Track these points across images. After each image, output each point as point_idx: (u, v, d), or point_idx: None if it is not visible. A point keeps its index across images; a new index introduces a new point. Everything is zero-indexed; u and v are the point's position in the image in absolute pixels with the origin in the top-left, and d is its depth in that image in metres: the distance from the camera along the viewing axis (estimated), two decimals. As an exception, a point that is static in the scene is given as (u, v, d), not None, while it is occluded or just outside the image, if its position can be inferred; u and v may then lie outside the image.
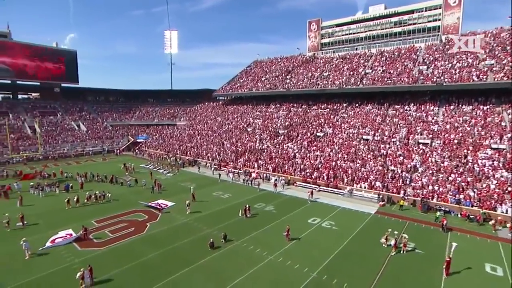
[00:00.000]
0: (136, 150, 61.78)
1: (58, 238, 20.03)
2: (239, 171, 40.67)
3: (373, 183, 31.08)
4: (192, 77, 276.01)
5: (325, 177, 34.54)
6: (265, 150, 45.43)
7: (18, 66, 67.44)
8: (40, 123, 57.29)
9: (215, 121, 65.09)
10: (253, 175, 38.42)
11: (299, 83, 58.58)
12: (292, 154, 41.96)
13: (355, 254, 18.26)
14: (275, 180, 34.87)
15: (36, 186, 32.66)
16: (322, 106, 54.25)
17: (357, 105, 50.52)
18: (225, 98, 77.71)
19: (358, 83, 50.37)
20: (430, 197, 26.95)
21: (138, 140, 66.87)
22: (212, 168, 42.66)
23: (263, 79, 67.96)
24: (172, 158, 50.48)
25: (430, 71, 43.99)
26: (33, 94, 79.92)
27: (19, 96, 75.65)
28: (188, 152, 52.77)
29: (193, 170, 44.47)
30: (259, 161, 42.43)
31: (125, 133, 70.70)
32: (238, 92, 69.99)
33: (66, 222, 23.17)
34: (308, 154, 40.91)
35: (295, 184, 35.30)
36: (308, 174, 36.03)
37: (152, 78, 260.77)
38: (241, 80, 72.98)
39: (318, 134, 46.08)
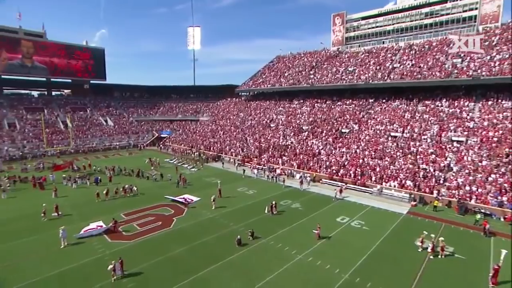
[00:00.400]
0: (161, 145, 63.03)
1: (89, 228, 20.61)
2: (263, 167, 40.36)
3: (403, 181, 29.71)
4: (214, 73, 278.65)
5: (352, 175, 33.48)
6: (289, 146, 44.78)
7: (53, 64, 70.63)
8: (71, 118, 59.80)
9: (237, 117, 65.08)
10: (278, 171, 37.99)
11: (323, 79, 57.22)
12: (317, 151, 41.07)
13: (389, 256, 17.40)
14: (301, 177, 34.22)
15: (68, 178, 34.11)
16: (347, 102, 52.69)
17: (384, 101, 48.61)
18: (248, 93, 77.51)
19: (386, 78, 48.38)
20: (467, 199, 25.34)
21: (162, 135, 68.18)
22: (236, 164, 42.62)
23: (286, 74, 67.07)
24: (195, 153, 50.98)
25: (465, 64, 41.37)
26: (65, 91, 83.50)
27: (53, 93, 79.25)
28: (212, 148, 53.09)
29: (216, 165, 44.66)
30: (283, 157, 41.89)
31: (149, 128, 72.36)
32: (260, 88, 69.52)
33: (97, 214, 23.82)
34: (333, 151, 39.87)
35: (320, 181, 34.50)
36: (334, 171, 35.08)
37: (175, 75, 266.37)
38: (264, 76, 72.47)
39: (343, 130, 44.81)
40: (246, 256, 17.33)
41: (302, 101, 60.17)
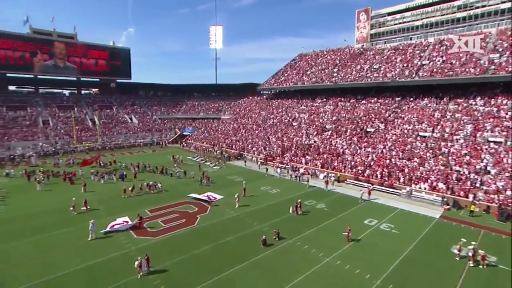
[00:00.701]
0: (183, 143, 63.93)
1: (116, 224, 21.00)
2: (286, 166, 39.81)
3: (434, 184, 28.16)
4: (235, 72, 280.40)
5: (379, 176, 32.21)
6: (312, 146, 43.91)
7: (82, 64, 73.74)
8: (99, 116, 61.90)
9: (259, 115, 64.80)
10: (301, 170, 37.30)
11: (347, 77, 55.78)
12: (341, 150, 39.96)
13: (423, 262, 16.38)
14: (326, 177, 33.38)
15: (96, 173, 35.23)
16: (372, 101, 50.97)
17: (411, 99, 46.58)
18: (269, 92, 77.13)
19: (413, 75, 46.35)
20: (510, 204, 23.53)
21: (185, 133, 69.16)
22: (259, 163, 42.32)
23: (308, 72, 66.02)
24: (218, 151, 51.21)
25: (504, 60, 38.72)
26: (93, 90, 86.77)
27: (82, 92, 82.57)
28: (234, 146, 53.12)
29: (239, 163, 44.58)
30: (306, 157, 41.11)
31: (172, 126, 73.65)
32: (282, 86, 68.90)
33: (123, 209, 24.31)
34: (358, 151, 38.62)
35: (345, 181, 33.48)
36: (360, 171, 33.92)
37: (197, 74, 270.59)
38: (286, 74, 71.74)
39: (368, 129, 43.34)
40: (272, 257, 16.91)
41: (325, 99, 58.94)
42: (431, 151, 33.53)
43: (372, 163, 34.70)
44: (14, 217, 23.11)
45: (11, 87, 72.64)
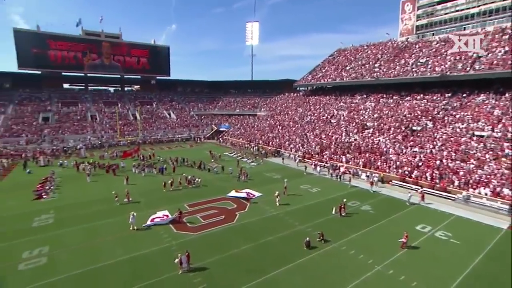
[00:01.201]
0: (220, 139, 64.54)
1: (156, 217, 21.21)
2: (325, 165, 38.26)
3: (497, 189, 25.08)
4: (270, 70, 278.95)
5: (429, 178, 29.57)
6: (353, 144, 41.78)
7: (125, 62, 77.35)
8: (140, 112, 64.59)
9: (296, 112, 63.42)
10: (342, 169, 35.56)
11: (389, 72, 52.37)
12: (385, 149, 37.46)
13: (496, 281, 14.29)
14: (370, 177, 31.45)
15: (137, 166, 36.52)
16: (418, 97, 47.27)
17: (464, 95, 42.42)
18: (306, 88, 75.28)
19: (468, 68, 42.08)
20: None
21: (221, 129, 69.80)
22: (297, 160, 41.17)
23: (347, 68, 63.19)
24: (254, 148, 50.85)
25: None
26: (135, 87, 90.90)
27: (125, 89, 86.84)
28: (270, 142, 52.40)
29: (276, 160, 43.76)
30: (347, 155, 39.17)
31: (209, 122, 74.74)
32: (320, 82, 66.71)
33: (163, 203, 24.63)
34: (404, 150, 35.92)
35: (389, 182, 31.23)
36: (407, 172, 31.43)
37: (232, 72, 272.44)
38: (323, 70, 69.36)
39: (414, 128, 40.20)
40: (317, 261, 15.91)
41: (365, 96, 55.96)
42: (491, 152, 30.10)
43: (420, 164, 32.02)
44: (66, 205, 24.47)
45: (65, 85, 78.42)
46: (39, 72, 70.16)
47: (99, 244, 17.80)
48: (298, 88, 76.56)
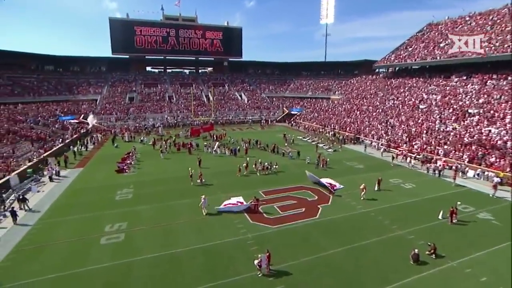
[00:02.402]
0: (292, 122, 61.51)
1: (230, 203, 19.49)
2: (417, 156, 32.17)
3: None
4: (342, 53, 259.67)
5: None
6: (451, 133, 34.37)
7: (200, 45, 78.96)
8: (213, 93, 65.34)
9: (375, 96, 56.11)
10: (439, 163, 29.20)
11: (505, 46, 41.21)
12: (501, 142, 29.45)
13: None
14: (490, 177, 24.84)
15: (208, 145, 36.29)
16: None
17: None
18: (386, 70, 66.29)
19: None
20: None
21: (292, 112, 66.57)
22: (382, 149, 35.71)
23: (442, 45, 52.56)
24: (330, 133, 46.46)
25: None
26: (208, 69, 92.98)
27: (199, 71, 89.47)
28: (347, 128, 47.26)
29: (355, 148, 38.91)
30: (445, 146, 32.26)
31: (280, 105, 72.10)
32: (406, 63, 57.37)
33: (237, 187, 22.99)
34: (533, 144, 27.55)
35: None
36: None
37: (301, 55, 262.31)
38: (410, 49, 59.41)
39: (544, 115, 30.66)
40: (430, 283, 12.00)
41: (465, 77, 45.73)
42: None
43: None
44: (144, 181, 24.77)
45: (148, 68, 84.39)
46: (127, 56, 76.38)
47: (172, 227, 16.80)
48: (378, 70, 67.97)
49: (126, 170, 27.81)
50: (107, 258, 13.68)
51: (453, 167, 28.30)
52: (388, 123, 43.77)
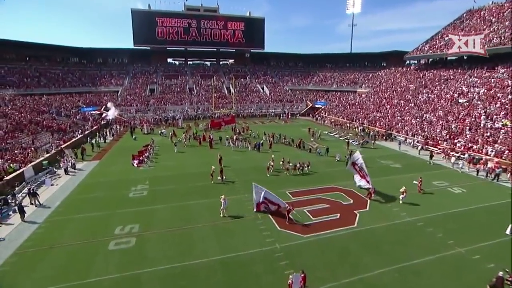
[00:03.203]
0: (316, 116, 58.42)
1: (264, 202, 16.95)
2: (461, 156, 28.59)
3: None
4: (368, 46, 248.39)
5: None
6: (501, 131, 30.38)
7: (222, 35, 76.82)
8: (234, 85, 63.25)
9: (407, 89, 51.81)
10: (490, 164, 25.52)
11: None
12: None
13: None
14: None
15: (230, 139, 34.26)
16: None
17: None
18: (417, 62, 61.27)
19: None
20: None
21: (316, 106, 63.34)
22: (419, 147, 32.24)
23: (486, 32, 47.25)
24: (358, 128, 43.18)
25: None
26: (230, 60, 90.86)
27: (221, 62, 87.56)
28: (377, 123, 43.74)
29: (388, 145, 35.59)
30: (495, 145, 28.42)
31: (303, 98, 68.97)
32: (443, 53, 52.35)
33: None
34: None
35: None
36: None
37: (325, 49, 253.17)
38: (446, 38, 54.17)
39: None
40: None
41: (513, 68, 40.78)
42: None
43: None
44: (160, 177, 23.18)
45: (169, 59, 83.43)
46: (149, 48, 75.67)
47: (189, 232, 14.89)
48: (409, 62, 63.01)
49: (143, 164, 26.35)
50: (113, 268, 11.96)
51: (509, 170, 24.60)
52: (424, 118, 39.94)
